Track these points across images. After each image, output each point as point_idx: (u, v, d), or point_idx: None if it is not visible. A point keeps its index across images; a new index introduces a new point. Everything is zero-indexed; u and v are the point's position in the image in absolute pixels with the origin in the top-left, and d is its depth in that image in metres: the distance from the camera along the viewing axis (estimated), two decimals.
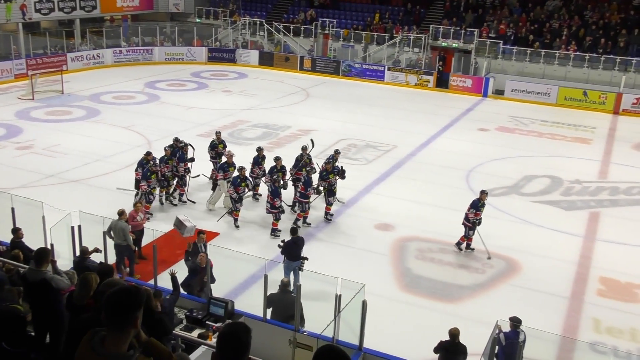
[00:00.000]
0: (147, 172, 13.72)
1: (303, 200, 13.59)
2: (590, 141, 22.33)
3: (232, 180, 13.41)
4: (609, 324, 10.48)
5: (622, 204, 16.19)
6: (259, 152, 15.08)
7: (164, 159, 14.46)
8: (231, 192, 13.25)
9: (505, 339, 7.78)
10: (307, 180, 13.74)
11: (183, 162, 14.72)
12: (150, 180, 13.77)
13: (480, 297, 11.23)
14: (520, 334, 7.86)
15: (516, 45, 30.82)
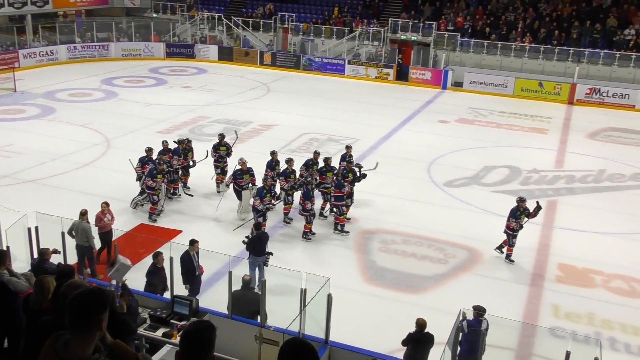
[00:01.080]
0: (153, 170, 13.23)
1: (338, 204, 13.19)
2: (546, 131, 22.83)
3: (257, 192, 12.60)
4: (567, 309, 10.75)
5: (578, 192, 16.61)
6: (273, 155, 14.24)
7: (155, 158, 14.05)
8: (257, 204, 12.44)
9: (468, 327, 7.90)
10: (339, 183, 13.19)
11: (178, 155, 14.58)
12: (157, 179, 13.16)
13: (443, 286, 11.38)
14: (483, 322, 7.99)
15: (473, 37, 31.29)
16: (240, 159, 13.90)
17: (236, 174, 13.68)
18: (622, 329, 10.19)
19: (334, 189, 13.22)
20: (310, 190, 12.85)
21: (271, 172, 13.91)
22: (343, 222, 13.25)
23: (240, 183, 13.59)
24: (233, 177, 13.72)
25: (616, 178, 17.69)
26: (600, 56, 28.86)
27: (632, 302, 11.08)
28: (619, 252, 12.94)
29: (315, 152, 14.80)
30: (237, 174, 13.68)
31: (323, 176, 13.98)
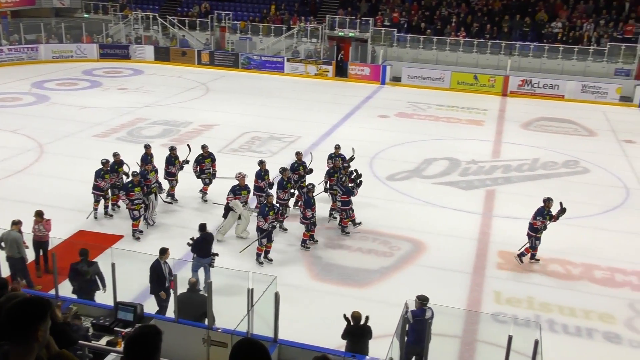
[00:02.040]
0: (128, 184, 12.47)
1: (344, 208, 13.06)
2: (482, 123, 23.47)
3: (260, 210, 11.79)
4: (508, 294, 11.09)
5: (515, 180, 17.15)
6: (261, 165, 13.61)
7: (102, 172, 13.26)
8: (261, 224, 11.53)
9: (413, 317, 8.04)
10: (347, 190, 13.02)
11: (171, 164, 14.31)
12: (133, 194, 12.26)
13: (389, 279, 11.53)
14: (427, 311, 8.15)
15: (410, 33, 31.82)
16: (238, 174, 13.01)
17: (235, 190, 12.71)
18: (560, 310, 10.59)
19: (341, 195, 13.03)
20: (312, 198, 12.38)
21: (262, 183, 13.39)
22: (347, 225, 13.18)
23: (237, 199, 12.71)
24: (233, 194, 12.69)
25: (549, 166, 18.37)
26: (531, 49, 29.89)
27: (568, 284, 11.54)
28: (554, 237, 13.41)
29: (298, 153, 14.51)
30: (235, 189, 12.72)
31: (332, 178, 13.90)
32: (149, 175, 13.07)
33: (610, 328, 10.10)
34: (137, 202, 12.32)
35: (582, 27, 30.44)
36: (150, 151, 14.46)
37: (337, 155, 14.64)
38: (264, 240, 11.62)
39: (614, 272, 11.98)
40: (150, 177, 13.12)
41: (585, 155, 19.38)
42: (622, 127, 23.43)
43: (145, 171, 13.16)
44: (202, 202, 14.55)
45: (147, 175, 13.02)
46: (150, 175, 13.15)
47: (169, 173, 14.41)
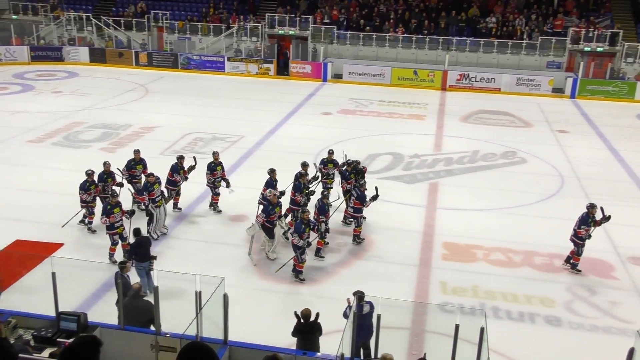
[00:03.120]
0: (106, 205, 11.48)
1: (357, 215, 12.77)
2: (423, 117, 23.90)
3: (295, 227, 11.17)
4: (454, 284, 11.34)
5: (456, 172, 17.54)
6: (272, 174, 13.10)
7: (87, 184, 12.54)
8: (295, 242, 10.99)
9: (353, 313, 8.12)
10: (361, 195, 12.62)
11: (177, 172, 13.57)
12: (113, 216, 11.24)
13: (337, 275, 11.59)
14: (365, 306, 8.22)
15: (349, 30, 32.07)
16: (270, 192, 12.38)
17: (268, 211, 11.85)
18: (503, 297, 10.91)
19: (354, 200, 12.71)
20: (326, 205, 12.15)
21: (274, 192, 12.72)
22: (359, 233, 12.86)
23: (272, 219, 11.85)
24: (265, 215, 11.79)
25: (489, 157, 18.87)
26: (467, 44, 30.64)
27: (510, 271, 11.89)
28: (495, 227, 13.82)
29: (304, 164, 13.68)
30: (269, 210, 11.85)
31: (350, 181, 13.57)
32: (152, 188, 12.32)
33: (550, 312, 10.46)
34: (118, 226, 11.37)
35: (514, 22, 31.42)
36: (182, 162, 13.63)
37: (330, 161, 14.38)
38: (304, 256, 11.12)
39: (552, 257, 12.42)
40: (154, 189, 12.33)
41: (523, 146, 20.03)
42: (556, 118, 24.33)
43: (147, 183, 12.42)
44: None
45: (150, 188, 12.30)
46: (155, 187, 12.35)
47: (171, 182, 13.59)
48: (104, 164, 13.19)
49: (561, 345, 9.66)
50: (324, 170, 14.24)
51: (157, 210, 12.44)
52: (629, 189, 16.63)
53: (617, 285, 11.48)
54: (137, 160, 13.92)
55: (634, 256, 12.55)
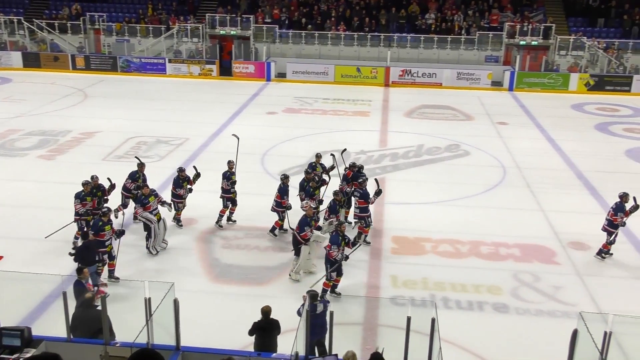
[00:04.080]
0: (98, 222, 10.78)
1: (364, 215, 12.53)
2: (368, 113, 24.13)
3: (332, 240, 10.39)
4: (404, 277, 11.49)
5: (402, 167, 17.78)
6: (285, 180, 12.72)
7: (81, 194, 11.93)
8: (334, 255, 10.37)
9: (306, 312, 8.14)
10: (364, 193, 12.46)
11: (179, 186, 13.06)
12: (104, 234, 10.65)
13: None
14: (318, 306, 8.25)
15: (291, 28, 32.06)
16: (305, 203, 12.07)
17: (308, 222, 11.20)
18: (452, 288, 11.13)
19: (358, 200, 12.53)
20: (338, 204, 11.98)
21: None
22: (367, 233, 12.69)
23: (304, 237, 11.20)
24: (307, 226, 11.18)
25: (434, 151, 19.22)
26: (408, 40, 31.12)
27: (458, 262, 12.14)
28: (442, 219, 14.08)
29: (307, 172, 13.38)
30: (306, 221, 11.20)
31: (356, 183, 13.20)
32: (147, 200, 11.76)
33: (498, 299, 10.74)
34: (108, 244, 10.76)
35: (452, 18, 32.11)
36: (184, 174, 13.16)
37: (317, 164, 14.15)
38: (333, 274, 10.52)
39: (498, 246, 12.76)
40: (149, 202, 11.75)
41: (465, 139, 20.49)
42: (496, 110, 25.00)
43: (142, 196, 11.89)
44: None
45: (144, 201, 11.76)
46: (150, 200, 11.80)
47: (175, 195, 13.15)
48: (92, 178, 12.45)
49: (509, 331, 9.93)
50: (311, 176, 13.84)
51: (156, 224, 11.85)
52: (567, 177, 17.24)
53: (559, 270, 11.89)
54: (309, 216, 13.11)
55: (574, 241, 13.02)
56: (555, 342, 9.06)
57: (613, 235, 12.04)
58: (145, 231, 11.91)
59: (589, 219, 14.20)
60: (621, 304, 10.49)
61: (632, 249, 12.80)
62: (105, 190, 12.52)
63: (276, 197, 12.78)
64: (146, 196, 11.80)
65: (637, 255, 12.57)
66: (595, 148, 20.05)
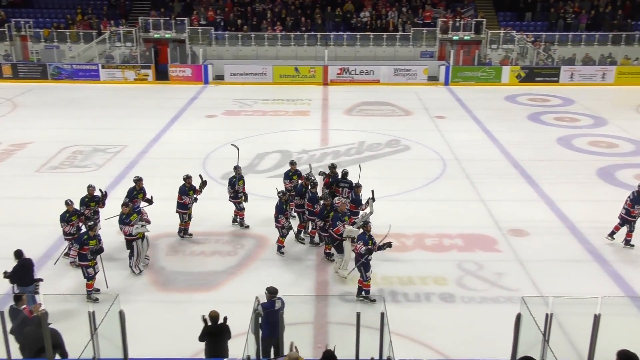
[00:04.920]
0: (83, 235, 10.39)
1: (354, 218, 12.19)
2: (308, 113, 24.19)
3: (361, 238, 10.44)
4: (352, 274, 11.55)
5: (344, 165, 17.87)
6: (281, 197, 12.21)
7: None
8: (359, 249, 10.42)
9: (263, 310, 8.11)
10: (356, 198, 12.51)
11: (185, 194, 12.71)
12: (87, 247, 10.20)
13: (237, 277, 11.47)
14: (277, 302, 8.25)
15: (227, 30, 31.78)
16: (338, 199, 11.74)
17: (335, 219, 11.23)
18: (400, 281, 11.29)
19: (350, 203, 12.31)
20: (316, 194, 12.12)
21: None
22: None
23: (337, 232, 11.14)
24: (333, 224, 11.25)
25: (375, 147, 19.45)
26: (344, 38, 31.38)
27: (403, 255, 12.32)
28: (386, 213, 14.22)
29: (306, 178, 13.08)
30: (335, 218, 11.24)
31: (337, 189, 12.95)
32: (128, 220, 11.21)
33: (444, 289, 10.97)
34: (92, 258, 10.36)
35: (387, 15, 32.57)
36: (190, 181, 12.79)
37: (294, 172, 13.82)
38: (368, 274, 10.47)
39: (441, 237, 13.03)
40: (131, 221, 11.23)
41: (405, 134, 20.82)
42: (433, 105, 25.53)
43: (122, 215, 11.28)
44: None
45: (126, 220, 11.20)
46: (132, 219, 11.24)
47: (181, 205, 12.79)
48: (88, 188, 12.12)
49: (456, 319, 10.15)
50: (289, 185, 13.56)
51: (138, 242, 11.36)
52: (503, 166, 17.78)
53: (501, 258, 12.25)
54: (138, 188, 12.74)
55: (513, 228, 13.44)
56: (500, 326, 9.30)
57: (632, 223, 12.39)
58: (128, 249, 11.42)
59: (526, 207, 14.72)
60: (560, 286, 10.90)
61: (567, 232, 13.32)
62: (99, 202, 12.27)
63: (307, 205, 12.45)
64: (127, 215, 11.27)
65: (572, 238, 13.09)
66: (528, 137, 20.75)
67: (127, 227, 11.11)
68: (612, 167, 17.54)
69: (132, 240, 11.24)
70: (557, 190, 15.70)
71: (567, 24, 32.48)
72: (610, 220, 13.98)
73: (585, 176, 16.86)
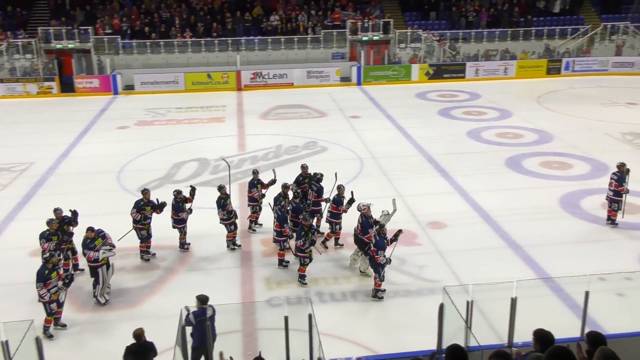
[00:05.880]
0: (44, 270, 9.47)
1: (334, 221, 12.53)
2: (224, 119, 23.93)
3: (379, 244, 10.40)
4: (277, 278, 11.56)
5: (263, 169, 17.81)
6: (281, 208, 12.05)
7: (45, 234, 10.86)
8: (380, 260, 10.46)
9: (195, 318, 7.98)
10: (337, 199, 12.58)
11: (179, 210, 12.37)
12: (50, 282, 9.44)
13: (161, 291, 11.18)
14: (208, 310, 8.14)
15: (134, 38, 30.91)
16: (363, 205, 11.55)
17: (367, 226, 11.24)
18: (325, 281, 11.38)
19: (331, 204, 12.68)
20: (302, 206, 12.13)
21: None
22: (330, 237, 12.83)
23: (369, 238, 11.04)
24: (364, 230, 11.26)
25: (292, 150, 19.50)
26: (256, 42, 31.28)
27: (328, 255, 12.41)
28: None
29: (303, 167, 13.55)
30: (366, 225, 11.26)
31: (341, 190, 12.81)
32: (92, 244, 10.50)
33: (369, 285, 11.12)
34: (54, 291, 9.60)
35: (296, 18, 32.76)
36: (181, 196, 12.41)
37: (258, 181, 13.49)
38: (383, 274, 10.67)
39: None
40: (97, 245, 10.55)
41: (321, 135, 21.01)
42: (347, 105, 25.91)
43: (87, 239, 10.54)
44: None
45: (90, 245, 10.49)
46: (96, 243, 10.52)
47: (178, 221, 12.45)
48: (55, 211, 11.37)
49: (383, 314, 10.35)
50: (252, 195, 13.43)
51: (103, 269, 10.63)
52: (419, 161, 18.29)
53: (422, 250, 12.59)
54: (146, 200, 12.17)
55: (431, 221, 13.85)
56: (425, 317, 9.57)
57: (620, 202, 13.17)
58: (92, 277, 10.73)
59: (442, 199, 15.22)
60: (478, 273, 11.32)
61: (481, 222, 13.87)
62: (71, 222, 11.55)
63: (275, 226, 12.04)
64: (92, 239, 10.62)
65: (486, 226, 13.64)
66: (440, 132, 21.46)
67: (92, 252, 10.52)
68: (519, 156, 18.43)
69: (96, 267, 10.58)
70: (470, 181, 16.32)
71: (469, 22, 33.87)
72: (520, 207, 14.70)
73: (495, 167, 17.63)
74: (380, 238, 10.49)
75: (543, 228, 13.50)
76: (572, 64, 31.64)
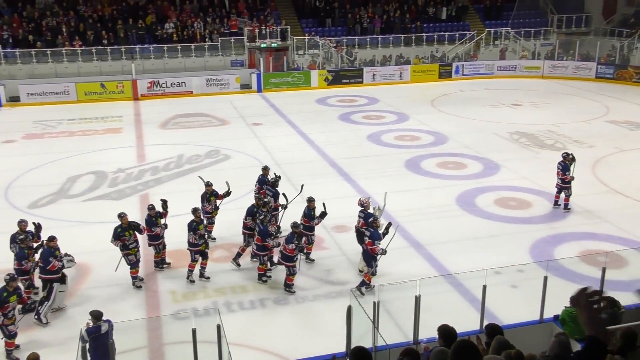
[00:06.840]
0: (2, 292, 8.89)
1: (307, 233, 11.99)
2: (120, 130, 23.09)
3: (373, 236, 10.86)
4: (183, 291, 11.28)
5: (165, 180, 17.39)
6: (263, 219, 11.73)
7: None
8: (377, 249, 10.87)
9: (88, 335, 7.67)
10: (308, 213, 12.22)
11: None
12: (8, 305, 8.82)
13: (63, 314, 10.57)
14: (103, 325, 7.85)
15: (17, 47, 29.18)
16: (365, 200, 12.18)
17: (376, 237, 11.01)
18: (233, 290, 11.24)
19: (304, 218, 12.18)
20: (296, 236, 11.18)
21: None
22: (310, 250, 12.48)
23: (375, 251, 11.05)
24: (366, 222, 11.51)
25: (194, 159, 19.14)
26: (151, 51, 30.45)
27: (233, 264, 12.25)
28: (216, 224, 14.00)
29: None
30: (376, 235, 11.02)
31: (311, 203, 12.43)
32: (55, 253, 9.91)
33: (277, 293, 11.12)
34: (11, 316, 8.94)
35: (192, 25, 32.22)
36: (154, 212, 11.76)
37: (211, 193, 12.86)
38: (376, 268, 11.13)
39: None
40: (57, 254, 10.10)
41: (223, 143, 20.77)
42: (248, 112, 25.79)
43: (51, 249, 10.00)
44: None
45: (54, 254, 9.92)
46: (57, 253, 10.00)
47: (152, 237, 11.78)
48: (19, 224, 10.50)
49: (292, 320, 10.36)
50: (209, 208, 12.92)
51: (56, 285, 9.93)
52: (322, 166, 18.52)
53: (328, 254, 12.74)
54: (124, 225, 11.08)
55: (337, 225, 14.04)
56: (334, 321, 9.67)
57: (569, 188, 14.37)
58: (43, 291, 9.96)
59: (346, 203, 15.42)
60: (384, 274, 11.59)
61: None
62: (33, 236, 10.74)
63: (256, 240, 11.55)
64: (55, 248, 10.16)
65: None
66: (341, 137, 21.85)
67: (56, 261, 10.01)
68: (417, 158, 19.12)
69: (52, 280, 10.00)
70: (372, 184, 16.72)
71: (363, 29, 34.75)
72: (420, 206, 15.24)
73: (395, 169, 18.18)
74: (374, 230, 10.96)
75: (442, 226, 14.06)
76: (462, 68, 33.27)
